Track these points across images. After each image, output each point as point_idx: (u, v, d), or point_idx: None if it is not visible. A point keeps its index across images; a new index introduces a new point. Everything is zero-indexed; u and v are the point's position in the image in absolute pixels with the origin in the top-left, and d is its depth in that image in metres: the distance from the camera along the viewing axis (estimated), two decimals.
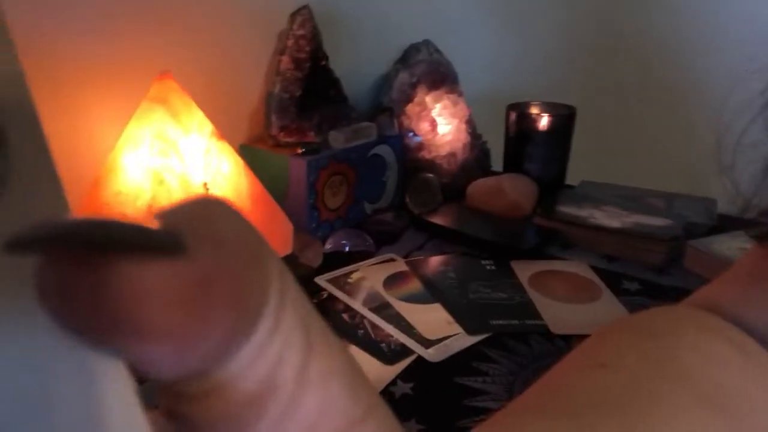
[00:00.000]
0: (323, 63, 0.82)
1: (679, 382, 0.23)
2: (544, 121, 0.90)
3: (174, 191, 0.58)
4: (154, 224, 0.14)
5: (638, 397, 0.23)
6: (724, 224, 0.78)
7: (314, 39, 0.79)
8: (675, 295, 0.65)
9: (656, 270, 0.72)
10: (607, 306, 0.65)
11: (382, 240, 0.79)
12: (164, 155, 0.59)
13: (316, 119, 0.80)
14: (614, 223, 0.77)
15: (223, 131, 0.66)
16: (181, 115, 0.61)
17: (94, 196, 0.63)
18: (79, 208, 0.64)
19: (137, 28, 0.70)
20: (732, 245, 0.71)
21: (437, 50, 0.96)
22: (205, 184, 0.61)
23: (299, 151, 0.76)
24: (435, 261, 0.75)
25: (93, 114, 0.68)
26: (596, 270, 0.72)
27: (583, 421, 0.22)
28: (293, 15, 0.79)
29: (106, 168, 0.63)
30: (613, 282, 0.69)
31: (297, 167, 0.76)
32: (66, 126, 0.66)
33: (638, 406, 0.22)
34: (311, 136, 0.80)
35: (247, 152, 0.81)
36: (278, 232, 0.67)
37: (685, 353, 0.25)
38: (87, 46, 0.66)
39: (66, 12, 0.63)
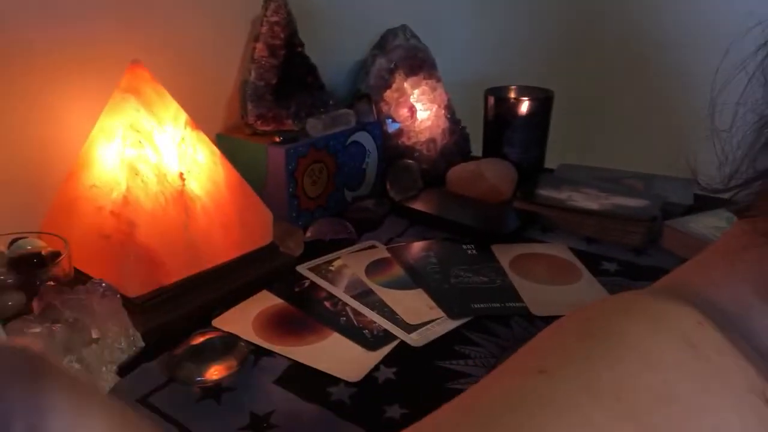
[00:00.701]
0: (299, 50, 0.81)
1: (604, 394, 0.22)
2: (522, 106, 0.90)
3: (149, 182, 0.57)
4: None
5: (551, 409, 0.22)
6: (702, 204, 0.79)
7: (288, 25, 0.78)
8: (653, 275, 0.66)
9: (635, 251, 0.73)
10: (587, 287, 0.66)
11: (364, 227, 0.79)
12: (138, 146, 0.58)
13: (294, 107, 0.79)
14: (593, 205, 0.78)
15: (199, 121, 0.65)
16: (154, 105, 0.60)
17: (68, 189, 0.62)
18: (52, 203, 0.63)
19: (107, 16, 0.68)
20: (709, 224, 0.72)
21: (414, 35, 0.96)
22: (181, 174, 0.60)
23: (277, 139, 0.76)
24: (416, 247, 0.75)
25: (64, 106, 0.66)
26: (576, 252, 0.72)
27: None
28: (267, 1, 0.78)
29: (79, 161, 0.62)
30: (593, 263, 0.70)
31: (275, 156, 0.75)
32: (37, 118, 0.65)
33: (545, 415, 0.22)
34: (289, 124, 0.79)
35: (224, 142, 0.80)
36: (257, 222, 0.67)
37: (626, 356, 0.24)
38: (56, 36, 0.64)
39: (34, 4, 0.62)
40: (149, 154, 0.59)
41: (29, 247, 0.56)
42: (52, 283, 0.51)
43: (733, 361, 0.24)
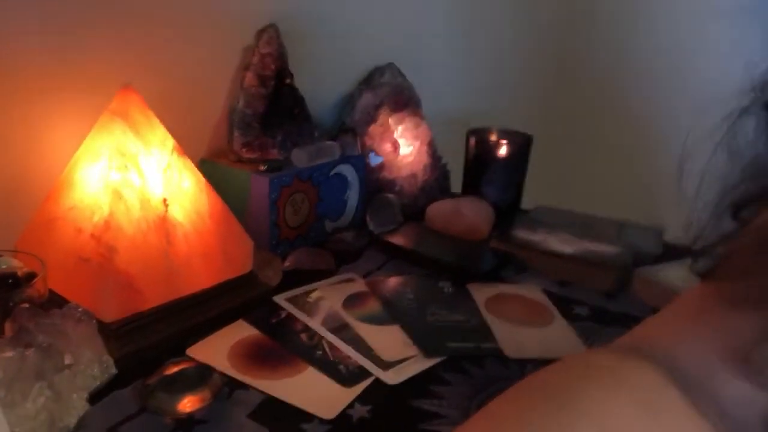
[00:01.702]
0: (288, 81, 0.82)
1: None
2: (501, 148, 0.93)
3: (132, 208, 0.57)
4: None
5: None
6: (671, 253, 0.82)
7: (280, 58, 0.80)
8: (623, 321, 0.69)
9: (606, 295, 0.75)
10: (559, 330, 0.67)
11: (342, 259, 0.80)
12: (123, 170, 0.58)
13: (280, 136, 0.80)
14: (566, 248, 0.80)
15: (185, 145, 0.65)
16: (141, 129, 0.60)
17: (48, 209, 0.61)
18: (30, 222, 0.62)
19: (98, 41, 0.68)
20: (677, 274, 0.74)
21: (401, 74, 0.98)
22: (165, 200, 0.60)
23: (261, 167, 0.76)
24: (394, 282, 0.75)
25: (51, 126, 0.66)
26: (549, 294, 0.74)
27: None
28: (260, 32, 0.80)
29: (61, 181, 0.62)
30: (565, 307, 0.72)
31: (259, 184, 0.76)
32: (22, 137, 0.64)
33: None
34: (274, 153, 0.80)
35: (208, 167, 0.80)
36: (239, 251, 0.67)
37: (581, 424, 0.24)
38: (47, 58, 0.64)
39: (26, 23, 0.62)
40: (134, 179, 0.59)
41: (4, 267, 0.55)
42: (26, 305, 0.50)
43: (692, 426, 0.25)
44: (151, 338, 0.57)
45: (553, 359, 0.29)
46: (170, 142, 0.62)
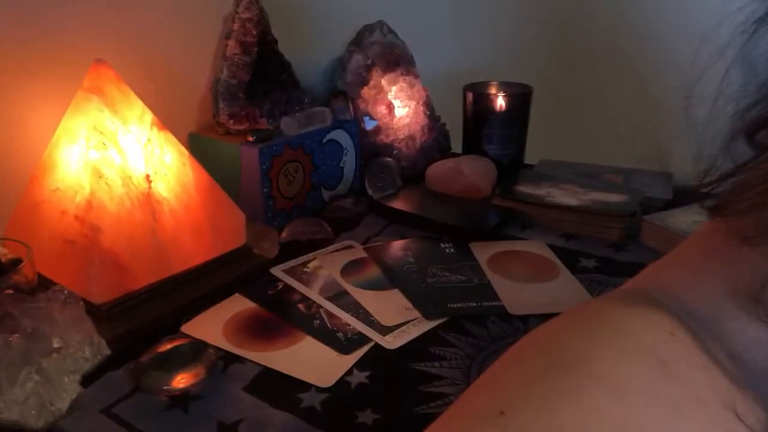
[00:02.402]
0: (272, 47, 0.79)
1: None
2: (500, 101, 0.89)
3: (114, 185, 0.56)
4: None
5: None
6: (681, 197, 0.78)
7: (261, 22, 0.77)
8: (631, 271, 0.65)
9: (614, 246, 0.72)
10: (565, 284, 0.65)
11: (341, 227, 0.78)
12: (102, 148, 0.56)
13: (267, 105, 0.78)
14: (571, 201, 0.77)
15: (170, 120, 0.63)
16: (118, 105, 0.58)
17: (32, 193, 0.60)
18: (16, 207, 0.61)
19: (72, 14, 0.66)
20: (687, 219, 0.71)
21: (391, 31, 0.94)
22: (148, 177, 0.58)
23: (250, 138, 0.74)
24: (394, 246, 0.74)
25: (27, 106, 0.64)
26: (554, 248, 0.72)
27: None
28: None
29: (42, 164, 0.60)
30: (571, 260, 0.69)
31: (248, 156, 0.74)
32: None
33: None
34: (263, 123, 0.77)
35: (196, 141, 0.79)
36: (229, 224, 0.65)
37: (592, 388, 0.22)
38: (18, 40, 0.62)
39: None
40: (114, 156, 0.57)
41: None
42: (10, 291, 0.49)
43: (705, 375, 0.23)
44: (144, 318, 0.56)
45: (557, 314, 0.27)
46: (149, 116, 0.60)
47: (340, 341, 0.56)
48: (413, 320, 0.59)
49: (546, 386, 0.22)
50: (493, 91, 0.93)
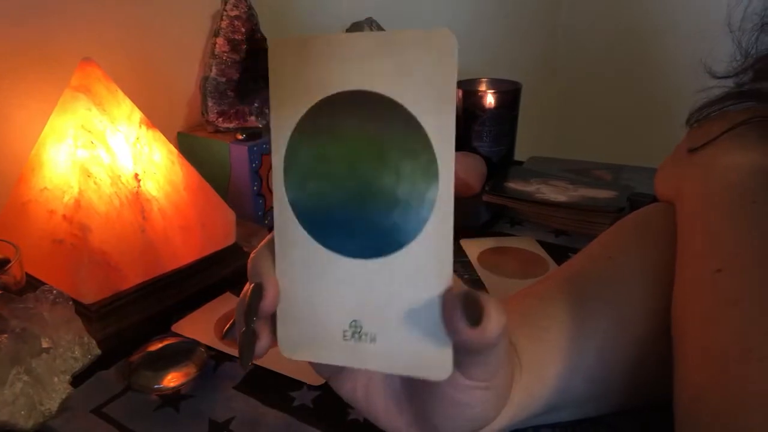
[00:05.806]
0: (261, 44, 0.79)
1: (647, 272, 0.35)
2: (490, 98, 0.89)
3: (102, 184, 0.56)
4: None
5: (621, 284, 0.35)
6: None
7: (249, 20, 0.76)
8: None
9: None
10: None
11: None
12: (90, 147, 0.56)
13: (257, 103, 0.78)
14: (561, 197, 0.77)
15: (159, 119, 0.63)
16: (106, 103, 0.58)
17: (20, 193, 0.60)
18: (5, 207, 0.61)
19: (59, 12, 0.66)
20: None
21: (381, 28, 0.94)
22: (137, 175, 0.58)
23: (239, 136, 0.74)
24: None
25: (15, 105, 0.64)
26: (543, 244, 0.72)
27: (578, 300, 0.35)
28: None
29: (30, 163, 0.60)
30: (560, 256, 0.70)
31: (238, 153, 0.73)
32: None
33: (614, 290, 0.35)
34: (252, 121, 0.77)
35: (186, 140, 0.78)
36: (219, 223, 0.65)
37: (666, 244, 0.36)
38: (4, 39, 0.61)
39: None
40: (102, 155, 0.57)
41: None
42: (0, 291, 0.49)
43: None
44: (134, 317, 0.56)
45: None
46: (137, 115, 0.60)
47: None
48: None
49: (639, 243, 0.41)
50: (482, 88, 0.93)
